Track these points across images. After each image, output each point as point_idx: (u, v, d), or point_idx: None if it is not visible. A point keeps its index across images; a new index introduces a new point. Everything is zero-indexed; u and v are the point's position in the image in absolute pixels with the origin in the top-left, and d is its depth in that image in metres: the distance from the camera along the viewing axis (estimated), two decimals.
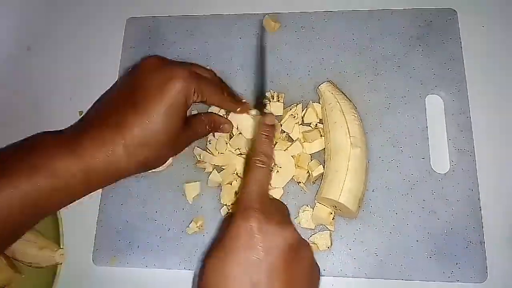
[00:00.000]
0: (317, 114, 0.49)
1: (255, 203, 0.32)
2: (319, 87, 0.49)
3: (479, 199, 0.46)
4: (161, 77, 0.38)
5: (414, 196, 0.46)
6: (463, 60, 0.50)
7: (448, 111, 0.49)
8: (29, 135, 0.53)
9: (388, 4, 0.54)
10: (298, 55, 0.53)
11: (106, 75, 0.55)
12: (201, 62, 0.53)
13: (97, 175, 0.37)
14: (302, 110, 0.50)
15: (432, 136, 0.48)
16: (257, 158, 0.36)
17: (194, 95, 0.39)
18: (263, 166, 0.36)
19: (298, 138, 0.48)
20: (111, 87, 0.52)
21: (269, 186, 0.36)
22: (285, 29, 0.54)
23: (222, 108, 0.49)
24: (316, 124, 0.49)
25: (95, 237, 0.48)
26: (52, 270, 0.47)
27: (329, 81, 0.50)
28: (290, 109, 0.49)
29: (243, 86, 0.52)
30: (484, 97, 0.50)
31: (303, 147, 0.48)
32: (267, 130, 0.38)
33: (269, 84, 0.51)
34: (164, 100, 0.37)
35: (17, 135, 0.54)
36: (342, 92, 0.48)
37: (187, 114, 0.42)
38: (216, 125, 0.47)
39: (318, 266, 0.34)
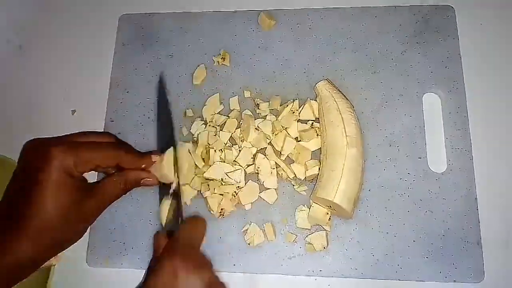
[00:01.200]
0: (313, 111, 0.49)
1: (179, 250, 0.37)
2: (316, 85, 0.48)
3: (476, 198, 0.46)
4: (38, 161, 0.37)
5: (411, 195, 0.46)
6: (460, 58, 0.50)
7: (446, 110, 0.49)
8: (21, 135, 0.53)
9: (385, 1, 0.53)
10: (294, 52, 0.52)
11: (99, 74, 0.54)
12: (195, 59, 0.53)
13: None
14: (299, 107, 0.49)
15: (429, 135, 0.48)
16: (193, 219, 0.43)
17: (80, 166, 0.38)
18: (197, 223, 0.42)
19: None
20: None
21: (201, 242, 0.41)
22: (281, 27, 0.53)
23: (124, 167, 0.43)
24: (312, 123, 0.48)
25: (88, 238, 0.48)
26: (46, 272, 0.47)
27: (326, 79, 0.49)
28: (287, 105, 0.49)
29: (238, 84, 0.51)
30: (481, 96, 0.49)
31: (295, 141, 0.48)
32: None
33: (262, 83, 0.51)
34: (44, 183, 0.36)
35: (9, 135, 0.54)
36: (339, 91, 0.48)
37: (86, 181, 0.40)
38: (134, 182, 0.43)
39: None
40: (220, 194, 0.46)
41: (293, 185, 0.47)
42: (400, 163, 0.47)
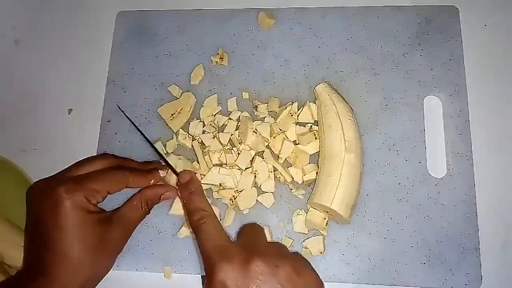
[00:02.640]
0: (312, 114, 0.48)
1: (217, 257, 0.33)
2: (315, 88, 0.47)
3: (475, 204, 0.45)
4: (49, 206, 0.37)
5: (410, 200, 0.46)
6: (463, 61, 0.49)
7: (447, 114, 0.48)
8: (16, 133, 0.53)
9: (387, 1, 0.52)
10: (294, 53, 0.51)
11: (96, 71, 0.54)
12: (194, 58, 0.52)
13: None
14: (298, 109, 0.48)
15: (429, 139, 0.47)
16: (195, 219, 0.37)
17: (92, 198, 0.38)
18: (204, 221, 0.37)
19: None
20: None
21: (223, 231, 0.36)
22: (281, 26, 0.52)
23: (133, 188, 0.43)
24: (311, 126, 0.48)
25: None
26: None
27: (326, 82, 0.48)
28: (286, 108, 0.48)
29: (236, 85, 0.50)
30: (483, 100, 0.49)
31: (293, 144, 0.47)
32: (188, 187, 0.40)
33: (261, 84, 0.50)
34: (63, 227, 0.36)
35: (4, 133, 0.54)
36: (339, 94, 0.47)
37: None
38: (155, 198, 0.44)
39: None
40: (217, 198, 0.46)
41: (291, 189, 0.47)
42: (399, 167, 0.47)
